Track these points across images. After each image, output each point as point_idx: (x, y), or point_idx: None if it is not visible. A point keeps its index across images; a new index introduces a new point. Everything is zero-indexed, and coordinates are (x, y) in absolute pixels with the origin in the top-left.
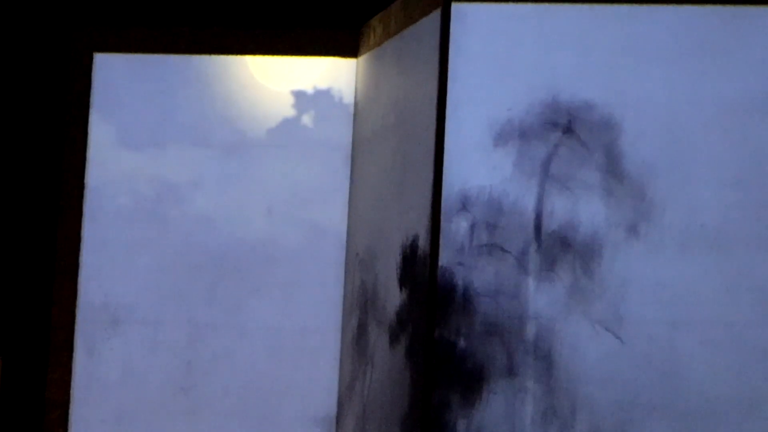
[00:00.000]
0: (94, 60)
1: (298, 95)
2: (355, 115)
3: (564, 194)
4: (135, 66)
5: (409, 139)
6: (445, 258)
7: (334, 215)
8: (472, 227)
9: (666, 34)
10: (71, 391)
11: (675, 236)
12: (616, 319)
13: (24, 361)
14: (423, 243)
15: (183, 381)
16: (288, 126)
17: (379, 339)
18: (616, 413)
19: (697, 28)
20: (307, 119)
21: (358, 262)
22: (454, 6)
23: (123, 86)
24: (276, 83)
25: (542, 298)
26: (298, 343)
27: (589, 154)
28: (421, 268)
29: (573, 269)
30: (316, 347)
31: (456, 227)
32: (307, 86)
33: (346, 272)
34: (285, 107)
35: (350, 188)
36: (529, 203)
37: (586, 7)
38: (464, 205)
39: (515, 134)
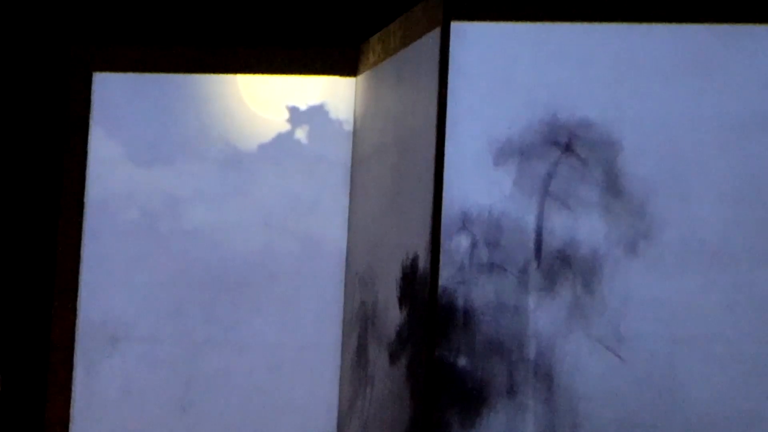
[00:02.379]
0: (93, 79)
1: (297, 113)
2: (354, 132)
3: (564, 212)
4: (134, 84)
5: (409, 158)
6: (445, 276)
7: (334, 233)
8: (473, 245)
9: (664, 52)
10: (71, 409)
11: (675, 253)
12: (616, 337)
13: (23, 378)
14: (423, 261)
15: (182, 398)
16: (287, 144)
17: (379, 357)
18: (617, 431)
19: (695, 46)
20: (306, 137)
21: (357, 280)
22: (453, 24)
23: (122, 104)
24: (275, 101)
25: (542, 316)
26: (298, 360)
27: (589, 172)
28: (421, 287)
29: (573, 287)
30: (316, 365)
31: (456, 246)
32: (307, 104)
33: (345, 290)
34: (284, 125)
35: (350, 206)
36: (529, 221)
37: (584, 25)
38: (464, 223)
39: (515, 152)
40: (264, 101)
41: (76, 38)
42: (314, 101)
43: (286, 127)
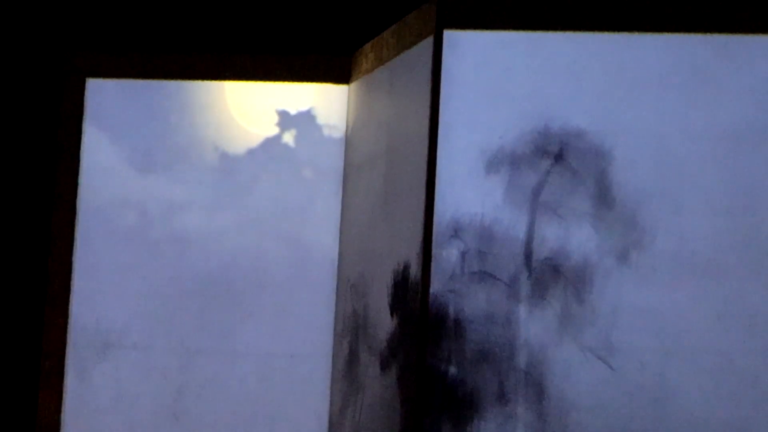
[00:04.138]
0: (86, 85)
1: (290, 121)
2: (346, 140)
3: (555, 222)
4: (127, 91)
5: (401, 166)
6: (436, 285)
7: (326, 240)
8: (464, 254)
9: (657, 62)
10: (62, 416)
11: (666, 263)
12: (607, 347)
13: (15, 385)
14: (414, 270)
15: (174, 406)
16: (279, 151)
17: (370, 365)
18: None
19: (688, 56)
20: (298, 145)
21: (349, 288)
22: (446, 33)
23: (115, 111)
24: (268, 109)
25: (533, 326)
26: (289, 368)
27: (580, 182)
28: (412, 295)
29: (564, 296)
30: (307, 373)
31: (447, 254)
32: (299, 112)
33: (337, 298)
34: (276, 132)
35: (342, 214)
36: (520, 231)
37: (577, 34)
38: (455, 232)
39: (507, 161)
40: (257, 109)
41: (70, 44)
42: (307, 109)
43: (278, 135)
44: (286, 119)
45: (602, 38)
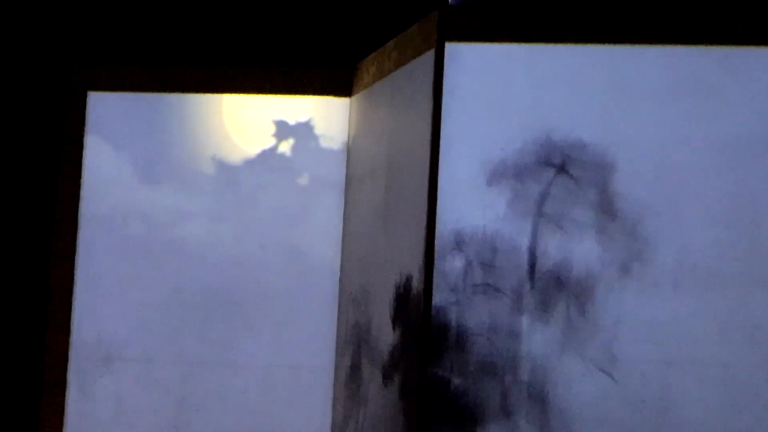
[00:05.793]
0: (88, 98)
1: (292, 133)
2: (348, 152)
3: (557, 233)
4: (128, 104)
5: (403, 178)
6: (438, 297)
7: (328, 253)
8: (466, 266)
9: (658, 74)
10: (64, 429)
11: (668, 275)
12: (609, 358)
13: (17, 398)
14: (417, 282)
15: (175, 419)
16: (281, 164)
17: (372, 378)
18: None
19: (689, 68)
20: (301, 157)
21: (351, 301)
22: (447, 46)
23: (116, 124)
24: (269, 121)
25: (536, 338)
26: (291, 381)
27: (583, 194)
28: (414, 308)
29: (566, 308)
30: (309, 385)
31: (450, 266)
32: (301, 126)
33: (339, 310)
34: (278, 145)
35: (343, 226)
36: (522, 242)
37: (579, 47)
38: (458, 244)
39: (509, 173)
40: (257, 120)
41: (71, 58)
42: (309, 122)
43: (280, 148)
44: (285, 130)
45: (603, 50)
